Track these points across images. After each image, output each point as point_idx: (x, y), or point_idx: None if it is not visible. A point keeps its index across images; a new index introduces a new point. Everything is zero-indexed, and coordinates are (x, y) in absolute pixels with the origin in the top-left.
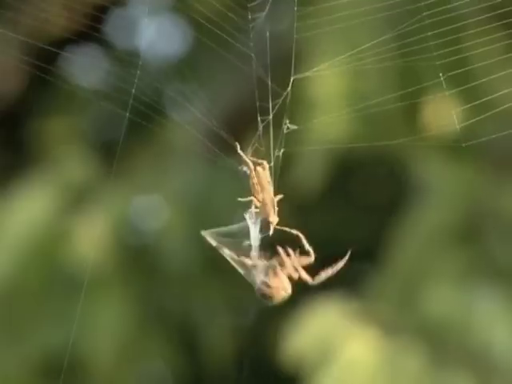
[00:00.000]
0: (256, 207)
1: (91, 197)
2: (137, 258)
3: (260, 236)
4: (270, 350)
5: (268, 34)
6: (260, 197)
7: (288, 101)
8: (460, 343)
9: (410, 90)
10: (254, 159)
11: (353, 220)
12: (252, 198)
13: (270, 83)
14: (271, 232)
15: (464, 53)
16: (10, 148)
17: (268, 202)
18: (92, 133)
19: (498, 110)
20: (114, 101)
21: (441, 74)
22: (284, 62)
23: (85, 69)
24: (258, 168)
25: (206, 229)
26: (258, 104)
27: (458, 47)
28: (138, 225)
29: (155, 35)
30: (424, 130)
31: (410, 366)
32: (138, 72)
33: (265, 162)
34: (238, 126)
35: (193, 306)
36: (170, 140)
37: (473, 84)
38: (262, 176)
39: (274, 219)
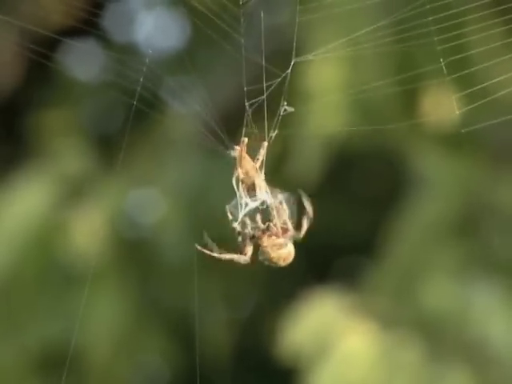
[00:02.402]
0: (242, 180)
1: (88, 189)
2: (134, 250)
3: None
4: (268, 342)
5: (264, 19)
6: (244, 170)
7: (287, 83)
8: (457, 336)
9: (408, 77)
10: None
11: (350, 212)
12: (237, 170)
13: (264, 64)
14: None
15: (463, 39)
16: (8, 140)
17: (252, 171)
18: (90, 126)
19: (495, 96)
20: (112, 93)
21: (441, 60)
22: (284, 48)
23: (83, 62)
24: (238, 148)
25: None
26: (245, 89)
27: (456, 33)
28: (135, 218)
29: (153, 27)
30: (422, 119)
31: (407, 358)
32: (136, 64)
33: (246, 139)
34: (237, 117)
35: (190, 299)
36: (167, 133)
37: (471, 69)
38: (243, 154)
39: (260, 183)
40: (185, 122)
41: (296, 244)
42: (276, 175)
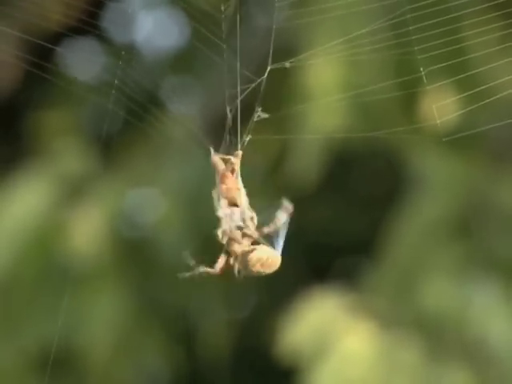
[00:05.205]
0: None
1: (88, 189)
2: (133, 250)
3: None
4: (267, 342)
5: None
6: (224, 186)
7: (262, 89)
8: (456, 336)
9: (401, 80)
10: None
11: (349, 213)
12: (217, 187)
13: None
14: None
15: (458, 43)
16: (7, 141)
17: (232, 187)
18: (89, 126)
19: (491, 99)
20: (110, 94)
21: (421, 69)
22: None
23: (81, 62)
24: (216, 162)
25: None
26: (227, 93)
27: (450, 38)
28: (135, 218)
29: (151, 29)
30: (417, 122)
31: (406, 358)
32: (134, 65)
33: (232, 158)
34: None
35: (189, 298)
36: (166, 133)
37: (456, 77)
38: (222, 170)
39: (240, 202)
40: (183, 122)
41: (295, 244)
42: (275, 176)
